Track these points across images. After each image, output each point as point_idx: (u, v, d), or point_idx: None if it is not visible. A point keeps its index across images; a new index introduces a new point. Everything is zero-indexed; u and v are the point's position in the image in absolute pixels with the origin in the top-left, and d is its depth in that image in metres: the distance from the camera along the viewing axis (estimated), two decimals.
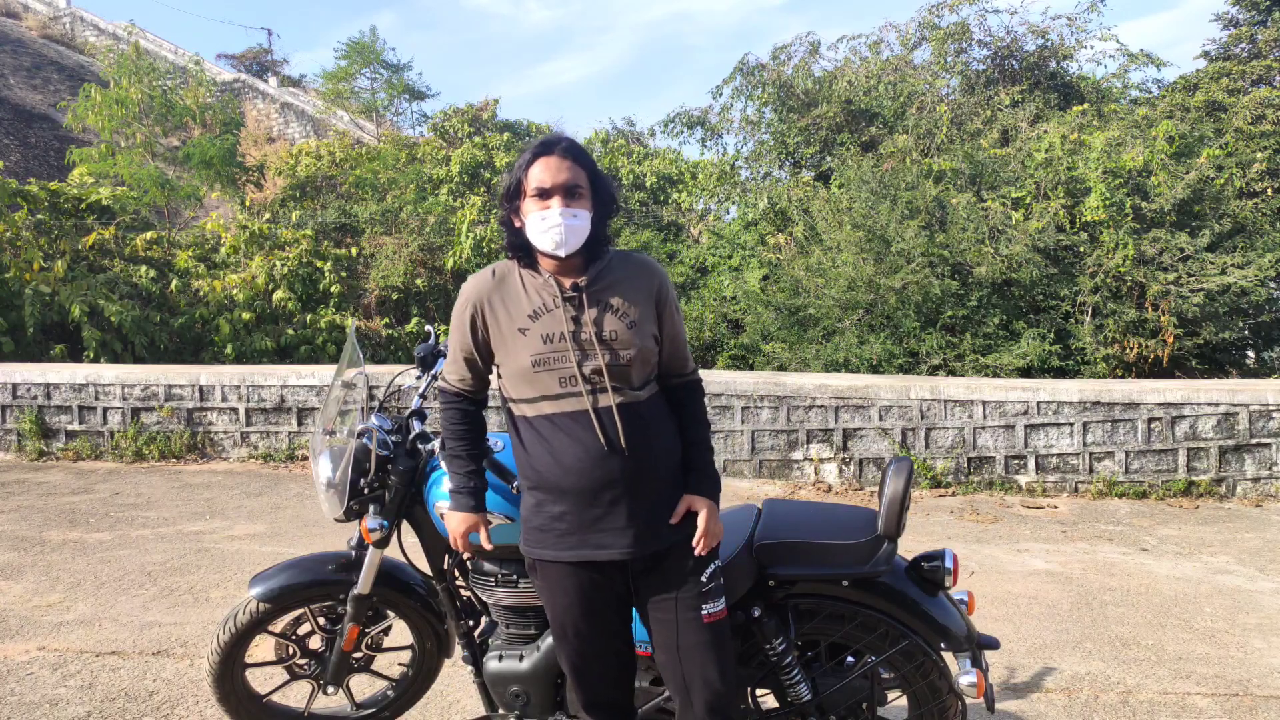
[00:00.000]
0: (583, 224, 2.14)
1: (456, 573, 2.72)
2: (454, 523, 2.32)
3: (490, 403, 2.46)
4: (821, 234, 10.41)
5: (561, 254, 2.14)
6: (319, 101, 25.71)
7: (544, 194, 2.13)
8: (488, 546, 2.31)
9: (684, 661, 2.21)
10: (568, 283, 2.19)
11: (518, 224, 2.20)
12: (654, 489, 2.19)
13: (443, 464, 2.55)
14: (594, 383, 2.13)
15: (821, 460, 7.24)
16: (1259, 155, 10.80)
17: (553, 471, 2.16)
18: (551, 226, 2.11)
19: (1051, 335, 9.25)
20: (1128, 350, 9.21)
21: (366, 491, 2.65)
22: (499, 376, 2.27)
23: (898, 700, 2.59)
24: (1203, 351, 9.75)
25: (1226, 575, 5.10)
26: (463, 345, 2.28)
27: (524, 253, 2.23)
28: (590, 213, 2.16)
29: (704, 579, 2.21)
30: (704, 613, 2.19)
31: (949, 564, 2.45)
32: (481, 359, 2.28)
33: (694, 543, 2.20)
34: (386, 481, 2.66)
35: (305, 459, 7.72)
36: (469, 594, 2.72)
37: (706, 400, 2.62)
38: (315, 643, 2.93)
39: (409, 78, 31.23)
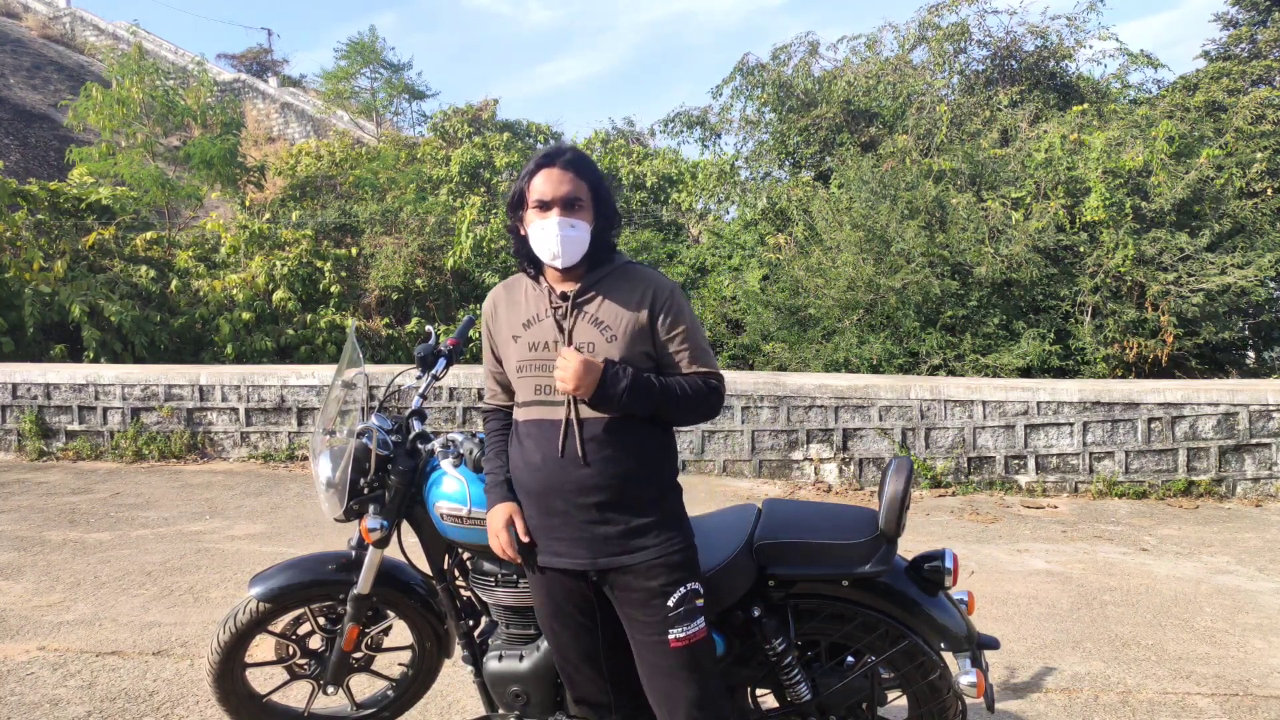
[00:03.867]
0: (580, 235, 2.16)
1: (456, 573, 2.72)
2: (493, 517, 2.30)
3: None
4: (821, 234, 10.41)
5: (559, 265, 2.18)
6: (319, 101, 25.69)
7: (544, 205, 2.16)
8: (525, 539, 2.27)
9: (653, 682, 2.23)
10: (560, 292, 2.23)
11: (523, 233, 2.24)
12: (615, 507, 2.17)
13: (442, 464, 2.55)
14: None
15: (821, 460, 7.24)
16: (1259, 155, 10.80)
17: (520, 473, 2.27)
18: (550, 238, 2.15)
19: (1051, 335, 9.25)
20: (1128, 350, 9.21)
21: (366, 491, 2.65)
22: None
23: (898, 700, 2.59)
24: (1203, 351, 9.75)
25: (1226, 575, 5.10)
26: (486, 356, 2.39)
27: (531, 262, 2.26)
28: (590, 225, 2.18)
29: (671, 603, 2.16)
30: (670, 637, 2.16)
31: (949, 564, 2.45)
32: (501, 367, 2.35)
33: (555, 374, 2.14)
34: (386, 481, 2.66)
35: (305, 459, 7.72)
36: (469, 594, 2.72)
37: None
38: (315, 643, 2.93)
39: (409, 78, 31.21)
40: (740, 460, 7.34)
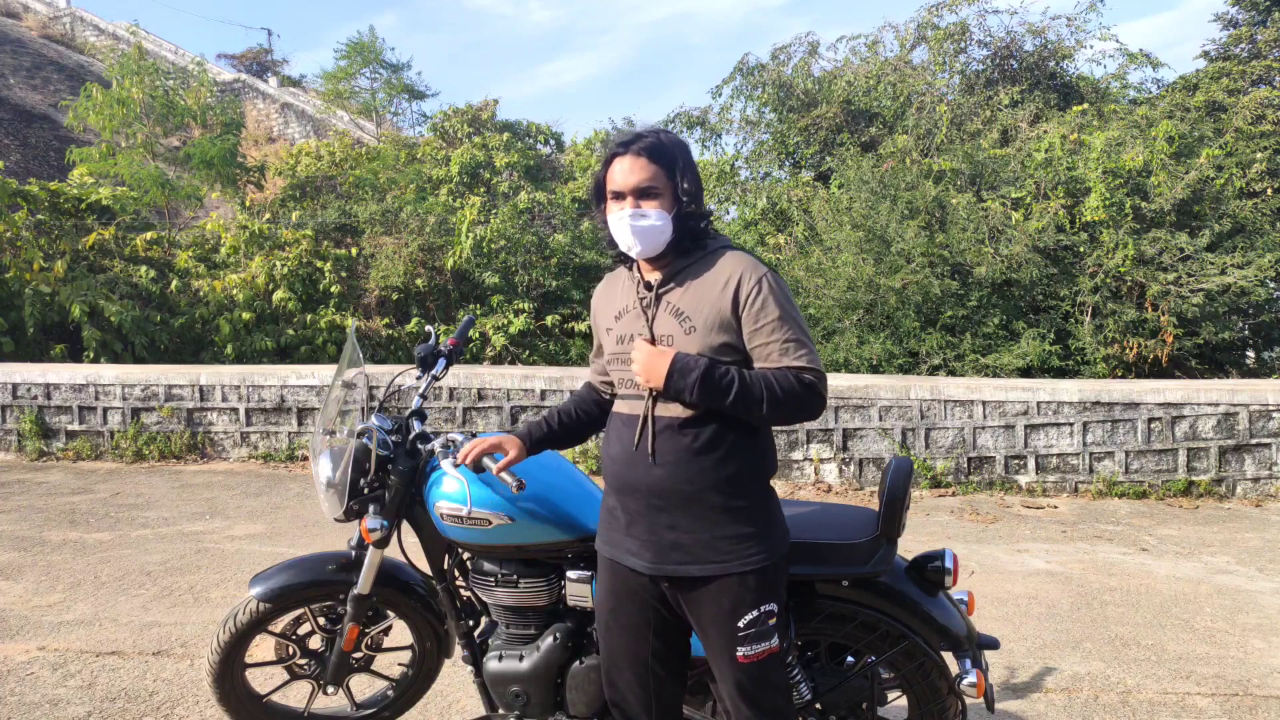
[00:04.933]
0: (655, 224, 2.06)
1: (456, 573, 2.72)
2: (491, 437, 2.38)
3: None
4: (821, 234, 10.41)
5: (634, 255, 2.11)
6: (319, 101, 25.69)
7: (618, 195, 2.09)
8: (494, 471, 2.29)
9: (722, 690, 2.19)
10: (645, 282, 2.16)
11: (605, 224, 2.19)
12: (683, 513, 2.07)
13: (442, 464, 2.55)
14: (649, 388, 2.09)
15: (821, 460, 7.24)
16: (1259, 155, 10.81)
17: (606, 464, 2.23)
18: (624, 229, 2.07)
19: (1051, 335, 9.25)
20: (1127, 350, 9.21)
21: (366, 491, 2.65)
22: None
23: (898, 700, 2.59)
24: (1203, 351, 9.76)
25: (1226, 575, 5.10)
26: (595, 340, 2.38)
27: (622, 252, 2.18)
28: (668, 212, 2.07)
29: (741, 624, 2.06)
30: (738, 653, 2.08)
31: (949, 564, 2.45)
32: (603, 355, 2.33)
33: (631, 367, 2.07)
34: (386, 481, 2.66)
35: (305, 459, 7.72)
36: (469, 594, 2.72)
37: None
38: (315, 643, 2.93)
39: (409, 77, 31.20)
40: None
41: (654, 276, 2.15)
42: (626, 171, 2.07)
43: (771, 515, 2.14)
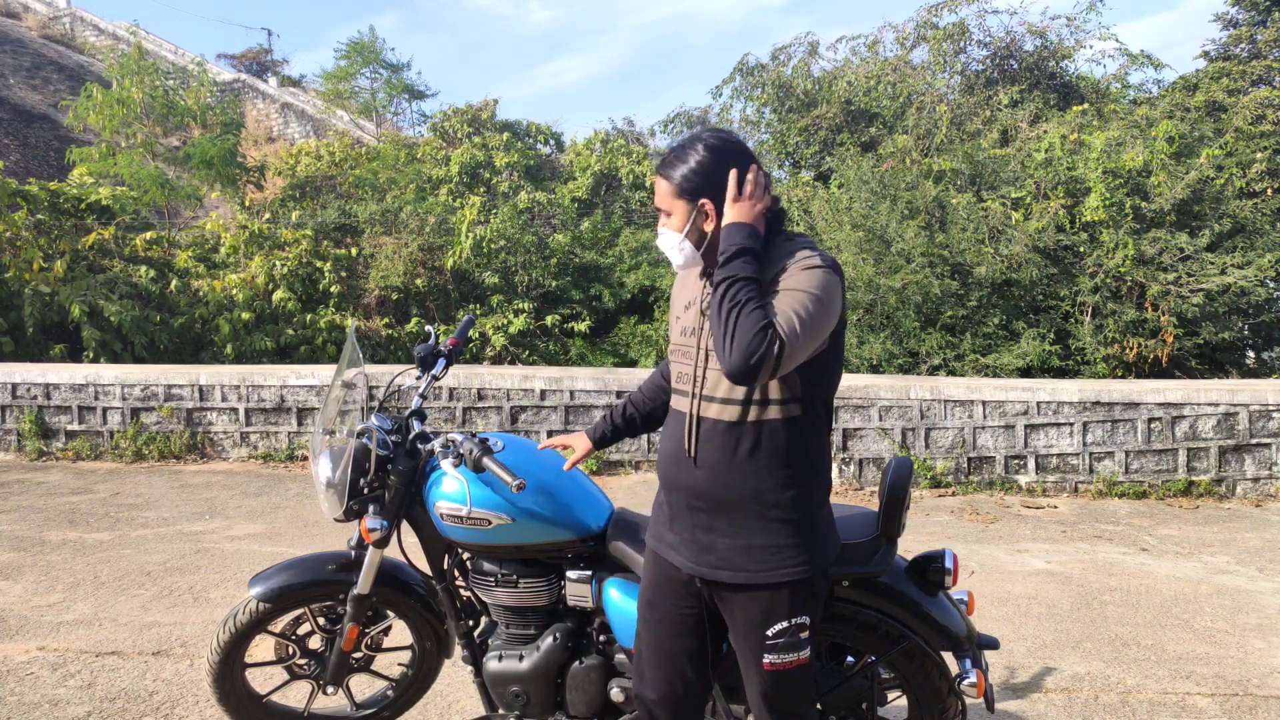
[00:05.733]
0: (669, 243, 2.08)
1: (456, 573, 2.72)
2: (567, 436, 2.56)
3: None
4: (821, 234, 10.41)
5: (675, 269, 2.16)
6: (319, 101, 25.69)
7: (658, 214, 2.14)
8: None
9: (749, 692, 2.18)
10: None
11: None
12: (722, 517, 2.05)
13: (442, 464, 2.55)
14: (697, 384, 2.08)
15: None
16: (1259, 155, 10.81)
17: (658, 460, 2.22)
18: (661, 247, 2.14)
19: (1051, 335, 9.25)
20: (1128, 350, 9.21)
21: (366, 491, 2.65)
22: None
23: (898, 700, 2.59)
24: (1203, 351, 9.76)
25: (1226, 575, 5.10)
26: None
27: None
28: (678, 231, 2.05)
29: (770, 633, 2.04)
30: (765, 661, 2.07)
31: (949, 564, 2.45)
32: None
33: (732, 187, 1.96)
34: (386, 481, 2.66)
35: (305, 459, 7.72)
36: (469, 594, 2.72)
37: None
38: (315, 643, 2.93)
39: (409, 77, 31.22)
40: None
41: None
42: (657, 193, 2.11)
43: (815, 529, 2.07)
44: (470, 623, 2.72)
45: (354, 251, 12.73)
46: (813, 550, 2.05)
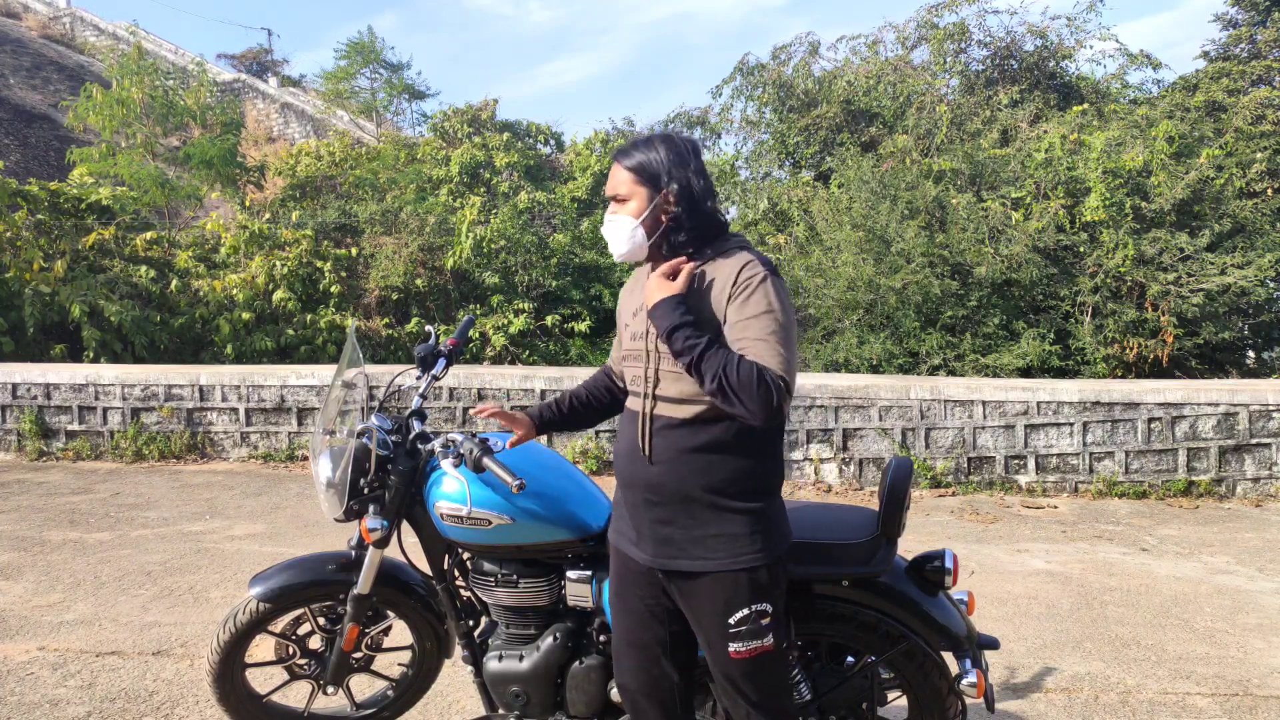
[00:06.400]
0: (621, 229, 2.15)
1: (456, 573, 2.72)
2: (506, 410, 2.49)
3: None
4: (821, 234, 10.41)
5: (615, 258, 2.23)
6: (319, 101, 25.70)
7: (606, 202, 2.22)
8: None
9: (718, 688, 2.24)
10: None
11: None
12: (678, 511, 2.12)
13: (442, 464, 2.55)
14: (649, 385, 2.16)
15: (821, 460, 7.24)
16: (1259, 155, 10.81)
17: (615, 459, 2.30)
18: (605, 233, 2.22)
19: (1051, 335, 9.25)
20: (1128, 350, 9.22)
21: (366, 491, 2.65)
22: None
23: (898, 700, 2.59)
24: (1203, 351, 9.76)
25: (1226, 575, 5.10)
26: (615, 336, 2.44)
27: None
28: (636, 218, 2.13)
29: (732, 621, 2.10)
30: (730, 650, 2.12)
31: (949, 564, 2.45)
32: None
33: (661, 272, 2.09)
34: (386, 481, 2.66)
35: (305, 459, 7.72)
36: (469, 594, 2.72)
37: None
38: (315, 643, 2.93)
39: (409, 77, 31.25)
40: None
41: None
42: (611, 180, 2.20)
43: (770, 519, 2.13)
44: (470, 623, 2.72)
45: (354, 251, 12.74)
46: (768, 539, 2.12)
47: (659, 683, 2.29)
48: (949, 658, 2.49)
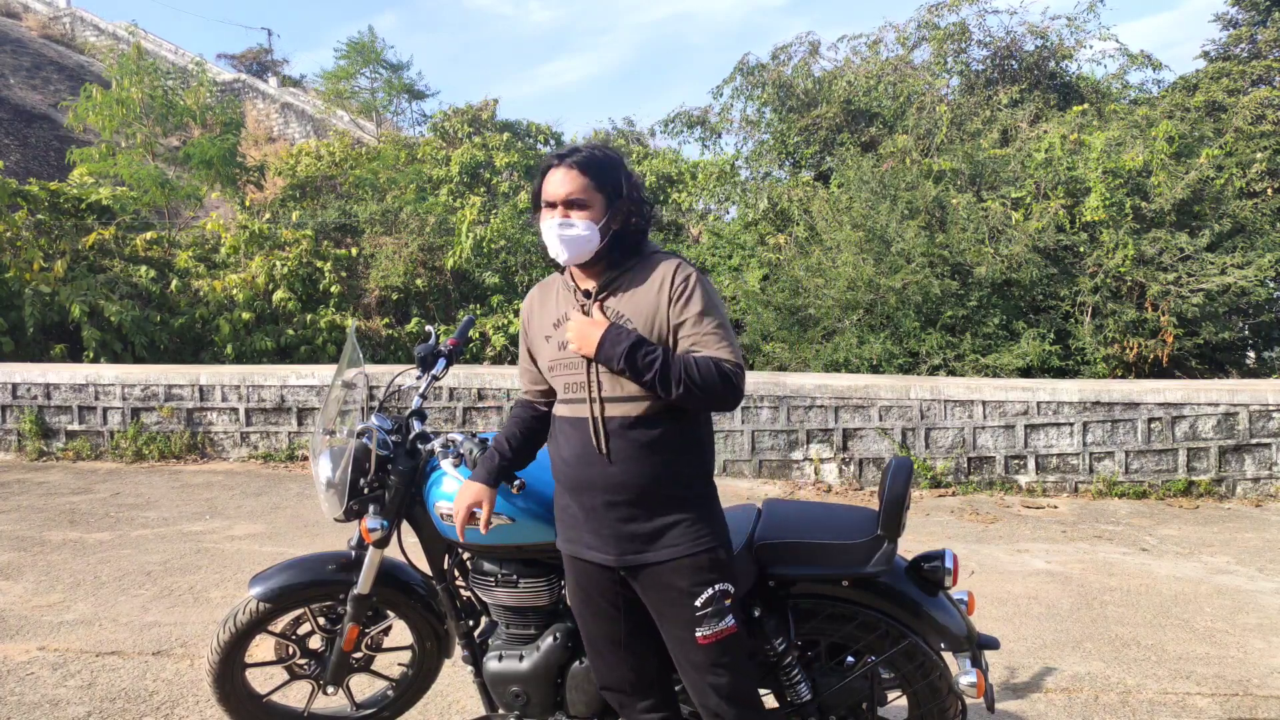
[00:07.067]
0: (580, 233, 2.16)
1: (456, 573, 2.72)
2: (462, 492, 2.37)
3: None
4: (821, 234, 10.41)
5: (560, 261, 2.22)
6: (319, 101, 25.69)
7: (549, 205, 2.20)
8: (481, 529, 2.34)
9: (685, 673, 2.27)
10: (584, 290, 2.26)
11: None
12: (640, 505, 2.18)
13: (442, 464, 2.55)
14: (593, 390, 2.19)
15: (821, 460, 7.24)
16: (1259, 155, 10.81)
17: (557, 468, 2.31)
18: (551, 236, 2.19)
19: (1051, 335, 9.25)
20: (1128, 350, 9.21)
21: (366, 491, 2.65)
22: None
23: (898, 700, 2.59)
24: (1203, 351, 9.76)
25: (1226, 575, 5.10)
26: (521, 353, 2.46)
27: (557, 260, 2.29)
28: (596, 222, 2.17)
29: (698, 603, 2.17)
30: (697, 635, 2.19)
31: (949, 564, 2.45)
32: (535, 364, 2.40)
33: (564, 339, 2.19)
34: (386, 481, 2.66)
35: (305, 459, 7.72)
36: (469, 594, 2.72)
37: None
38: (315, 643, 2.93)
39: (409, 77, 31.15)
40: (740, 460, 7.34)
41: (590, 284, 2.25)
42: (558, 182, 2.19)
43: (713, 505, 2.27)
44: (470, 623, 2.72)
45: (354, 251, 12.74)
46: (717, 522, 2.25)
47: (642, 673, 2.34)
48: (949, 658, 2.49)
